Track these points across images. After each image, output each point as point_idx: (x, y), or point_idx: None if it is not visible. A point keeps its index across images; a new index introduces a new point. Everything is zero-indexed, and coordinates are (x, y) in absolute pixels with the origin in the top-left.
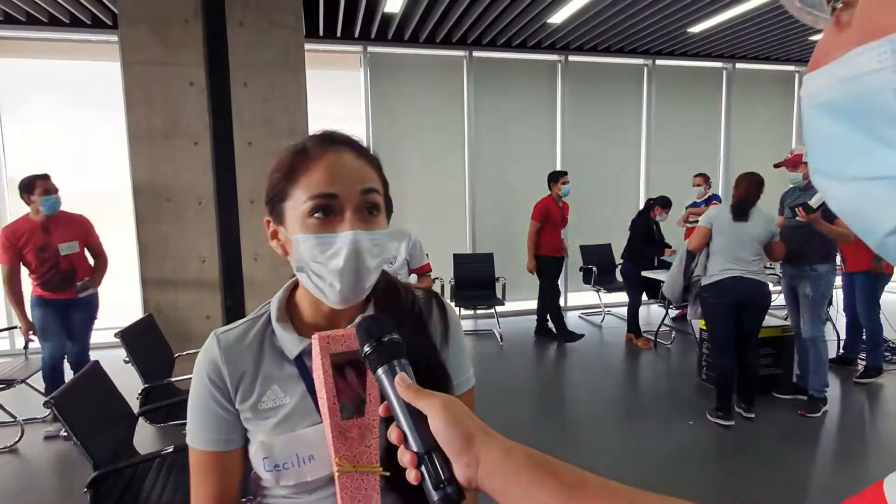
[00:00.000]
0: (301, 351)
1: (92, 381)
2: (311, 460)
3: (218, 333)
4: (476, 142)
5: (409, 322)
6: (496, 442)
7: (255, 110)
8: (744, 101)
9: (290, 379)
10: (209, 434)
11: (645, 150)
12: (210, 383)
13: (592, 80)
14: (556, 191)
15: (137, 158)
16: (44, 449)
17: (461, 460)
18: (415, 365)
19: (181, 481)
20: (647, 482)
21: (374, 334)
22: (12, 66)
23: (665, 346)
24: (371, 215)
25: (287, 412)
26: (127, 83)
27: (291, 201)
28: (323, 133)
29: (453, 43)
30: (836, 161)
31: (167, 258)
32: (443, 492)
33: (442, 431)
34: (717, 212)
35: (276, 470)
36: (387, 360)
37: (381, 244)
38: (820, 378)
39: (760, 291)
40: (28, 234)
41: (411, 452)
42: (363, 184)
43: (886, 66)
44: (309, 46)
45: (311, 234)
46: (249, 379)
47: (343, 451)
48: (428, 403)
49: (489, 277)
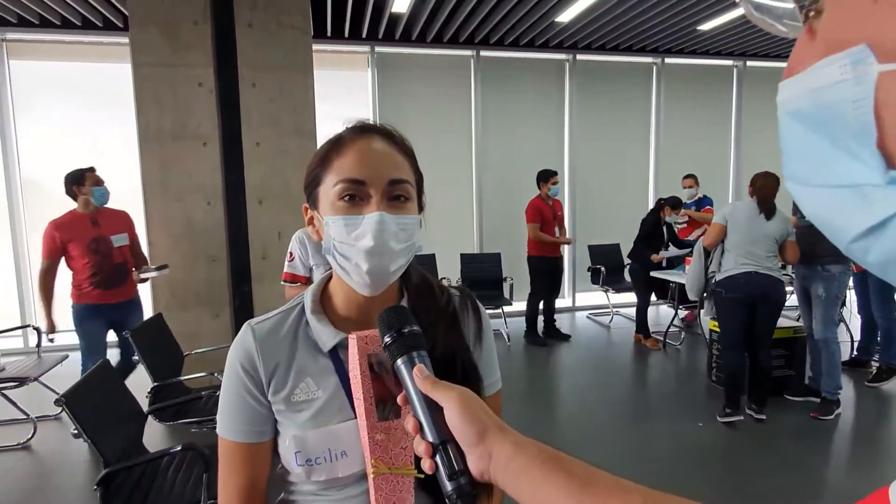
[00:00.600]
0: (336, 344)
1: (102, 380)
2: (344, 456)
3: (252, 324)
4: (483, 141)
5: (444, 321)
6: (509, 436)
7: (263, 111)
8: (755, 100)
9: (324, 372)
10: (241, 425)
11: (654, 149)
12: (244, 373)
13: (601, 79)
14: (546, 190)
15: (147, 159)
16: (56, 446)
17: (474, 452)
18: (447, 364)
19: (190, 479)
20: (656, 484)
21: (394, 325)
22: (26, 68)
23: (674, 346)
24: (399, 202)
25: (320, 406)
26: (137, 84)
27: (324, 186)
28: (359, 122)
29: (461, 42)
30: (805, 168)
31: (177, 257)
32: (456, 482)
33: (457, 423)
34: (731, 209)
35: (307, 464)
36: (406, 352)
37: (408, 230)
38: (833, 380)
39: (775, 288)
40: (76, 228)
41: (426, 442)
42: (392, 174)
43: (847, 79)
44: (316, 47)
45: (340, 216)
46: (283, 371)
47: (379, 453)
48: (444, 395)
49: (496, 277)
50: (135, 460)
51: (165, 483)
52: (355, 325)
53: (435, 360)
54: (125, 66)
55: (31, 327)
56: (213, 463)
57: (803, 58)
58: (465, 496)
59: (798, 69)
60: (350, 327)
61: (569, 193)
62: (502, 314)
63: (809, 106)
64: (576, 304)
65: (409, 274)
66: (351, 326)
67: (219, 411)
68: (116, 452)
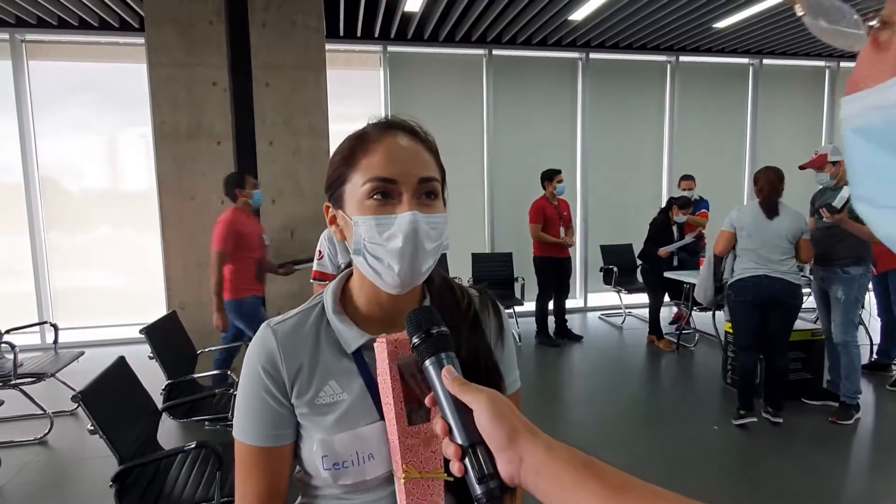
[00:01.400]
0: (360, 345)
1: (118, 377)
2: (371, 459)
3: (272, 325)
4: (495, 141)
5: (466, 322)
6: (540, 440)
7: (277, 110)
8: (771, 99)
9: (349, 374)
10: (260, 428)
11: (667, 149)
12: (265, 375)
13: (614, 77)
14: (551, 189)
15: (162, 158)
16: (72, 441)
17: (504, 456)
18: (471, 366)
19: (203, 476)
20: (669, 486)
21: (423, 326)
22: (44, 68)
23: (688, 348)
24: (429, 199)
25: (346, 409)
26: (152, 84)
27: (350, 184)
28: (383, 118)
29: (473, 41)
30: (874, 187)
31: (191, 255)
32: (486, 486)
33: (486, 426)
34: (737, 213)
35: (335, 468)
36: (434, 353)
37: (438, 228)
38: (852, 384)
39: (788, 291)
40: (249, 223)
41: (455, 444)
42: (421, 172)
43: None
44: (329, 46)
45: (370, 216)
46: (307, 373)
47: (410, 458)
48: (473, 397)
49: (508, 277)
50: (149, 457)
51: (179, 480)
52: (378, 324)
53: (459, 361)
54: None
55: (49, 324)
56: (226, 461)
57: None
58: (495, 500)
59: (865, 84)
60: (373, 327)
61: (581, 193)
62: (513, 314)
63: (880, 123)
64: (588, 305)
65: (431, 274)
66: (373, 326)
67: (236, 415)
68: (131, 449)
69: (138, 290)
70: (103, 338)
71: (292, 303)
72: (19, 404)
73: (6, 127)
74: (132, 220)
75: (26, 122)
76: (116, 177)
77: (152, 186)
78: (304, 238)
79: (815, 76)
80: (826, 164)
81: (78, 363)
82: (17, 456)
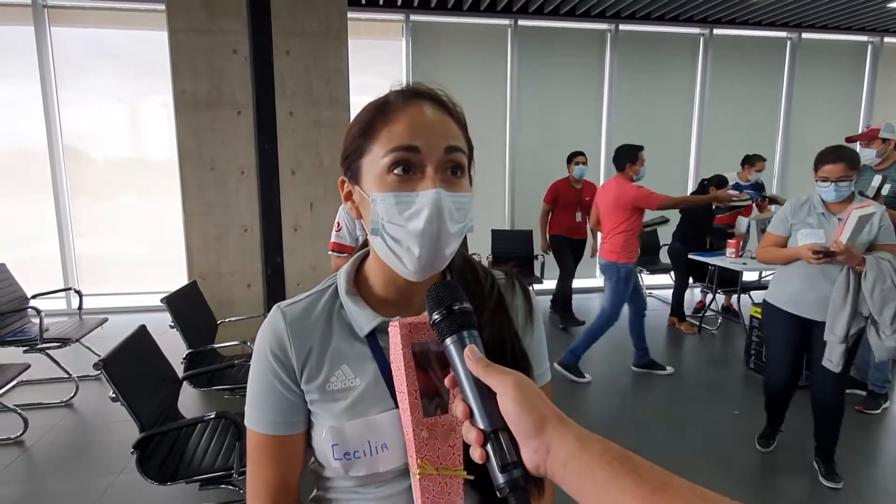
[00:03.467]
0: (374, 328)
1: (139, 345)
2: (384, 449)
3: (282, 307)
4: (518, 115)
5: (490, 306)
6: (571, 430)
7: (297, 79)
8: (808, 76)
9: (362, 358)
10: (270, 415)
11: (697, 125)
12: (274, 359)
13: (644, 50)
14: (571, 171)
15: (183, 127)
16: (96, 405)
17: (530, 445)
18: (497, 351)
19: (223, 446)
20: (688, 472)
21: (444, 301)
22: (66, 35)
23: (710, 331)
24: (455, 176)
25: (358, 395)
26: (173, 51)
27: (369, 157)
28: (407, 86)
29: (498, 11)
30: None
31: (210, 226)
32: (509, 475)
33: (512, 412)
34: (790, 207)
35: (346, 458)
36: (456, 331)
37: (464, 209)
38: (882, 373)
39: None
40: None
41: (476, 429)
42: (447, 140)
43: None
44: (351, 14)
45: (390, 192)
46: (317, 357)
47: (425, 452)
48: (498, 381)
49: (527, 254)
50: (169, 425)
51: (199, 448)
52: (394, 308)
53: (483, 346)
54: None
55: (73, 290)
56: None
57: None
58: (518, 490)
59: None
60: (388, 310)
61: (604, 170)
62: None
63: None
64: None
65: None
66: (389, 310)
67: (247, 401)
68: (152, 417)
69: (160, 259)
70: (126, 304)
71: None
72: (46, 368)
73: (30, 92)
74: (155, 189)
75: (49, 88)
76: (139, 145)
77: (174, 155)
78: (323, 210)
79: (856, 51)
80: (876, 139)
81: (102, 329)
82: (45, 417)
